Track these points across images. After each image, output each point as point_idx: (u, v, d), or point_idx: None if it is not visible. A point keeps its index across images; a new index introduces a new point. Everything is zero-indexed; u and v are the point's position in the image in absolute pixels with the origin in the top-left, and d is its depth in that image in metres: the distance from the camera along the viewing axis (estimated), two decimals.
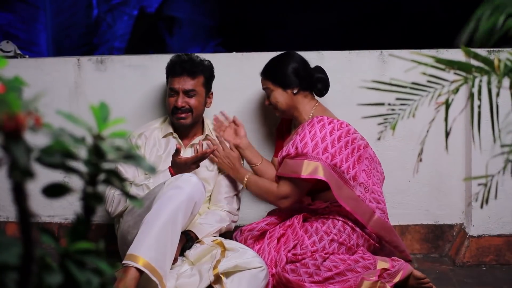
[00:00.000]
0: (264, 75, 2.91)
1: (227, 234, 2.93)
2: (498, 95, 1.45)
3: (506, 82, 1.43)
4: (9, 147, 0.80)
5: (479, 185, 1.64)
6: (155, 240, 2.45)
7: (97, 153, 0.88)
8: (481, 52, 1.52)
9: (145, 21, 8.67)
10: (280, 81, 2.85)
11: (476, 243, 3.12)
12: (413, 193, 3.26)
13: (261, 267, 2.57)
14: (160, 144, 2.94)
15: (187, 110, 2.85)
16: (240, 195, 3.01)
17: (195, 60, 2.89)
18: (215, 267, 2.54)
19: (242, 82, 3.24)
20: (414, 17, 8.73)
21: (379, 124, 1.60)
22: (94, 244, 0.93)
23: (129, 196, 0.96)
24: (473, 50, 1.48)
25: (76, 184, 2.94)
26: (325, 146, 2.71)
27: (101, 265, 0.93)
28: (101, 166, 0.89)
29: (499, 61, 1.40)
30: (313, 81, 2.90)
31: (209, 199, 2.96)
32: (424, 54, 1.47)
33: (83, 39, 8.29)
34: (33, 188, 0.95)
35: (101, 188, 0.92)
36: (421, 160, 1.59)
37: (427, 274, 2.78)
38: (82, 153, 0.90)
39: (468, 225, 3.17)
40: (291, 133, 3.03)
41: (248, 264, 2.56)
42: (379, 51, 3.23)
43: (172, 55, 3.12)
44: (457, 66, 1.43)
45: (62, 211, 3.30)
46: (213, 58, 3.17)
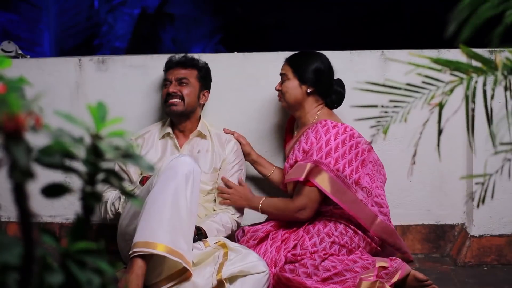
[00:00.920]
0: (288, 61, 2.91)
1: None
2: (492, 97, 1.45)
3: (502, 82, 1.43)
4: (10, 147, 0.81)
5: (477, 184, 1.64)
6: (167, 223, 2.45)
7: (95, 152, 0.88)
8: (482, 52, 1.51)
9: (146, 21, 8.68)
10: (300, 73, 2.84)
11: (478, 243, 3.12)
12: (415, 193, 3.26)
13: (265, 271, 2.56)
14: (157, 146, 2.97)
15: (179, 97, 2.91)
16: None
17: (188, 56, 3.04)
18: (218, 271, 2.53)
19: (243, 82, 3.24)
20: (416, 16, 8.73)
21: (372, 127, 1.60)
22: (95, 244, 0.93)
23: (128, 195, 0.96)
24: (473, 50, 1.48)
25: (78, 184, 2.94)
26: (329, 150, 2.71)
27: (102, 265, 0.93)
28: (99, 166, 0.90)
29: (500, 60, 1.40)
30: (330, 91, 2.90)
31: (214, 200, 2.99)
32: (424, 55, 1.47)
33: (85, 39, 8.31)
34: (34, 188, 0.95)
35: (100, 187, 0.92)
36: (414, 163, 1.58)
37: (428, 274, 2.77)
38: (82, 153, 0.90)
39: (470, 225, 3.17)
40: (293, 134, 3.03)
41: (252, 269, 2.54)
42: (380, 51, 3.23)
43: (173, 55, 3.13)
44: (454, 67, 1.42)
45: (63, 211, 3.30)
46: (214, 58, 3.18)
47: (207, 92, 3.02)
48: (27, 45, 7.57)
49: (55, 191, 0.89)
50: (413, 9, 8.74)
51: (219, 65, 3.15)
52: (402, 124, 1.59)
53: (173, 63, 3.00)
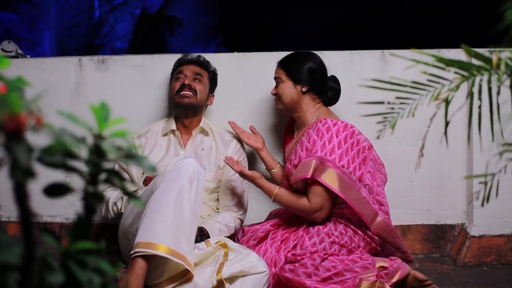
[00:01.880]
0: (280, 64, 2.93)
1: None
2: (498, 94, 1.45)
3: (507, 81, 1.43)
4: (11, 147, 0.81)
5: (480, 183, 1.64)
6: (170, 225, 2.45)
7: (97, 152, 0.88)
8: (482, 52, 1.51)
9: (147, 21, 8.68)
10: (293, 75, 2.86)
11: (478, 243, 3.12)
12: (415, 193, 3.26)
13: (265, 271, 2.56)
14: (161, 144, 2.97)
15: (192, 90, 2.94)
16: (247, 194, 3.04)
17: (203, 57, 3.10)
18: (218, 271, 2.53)
19: (243, 82, 3.24)
20: (416, 17, 8.73)
21: (378, 123, 1.60)
22: (95, 244, 0.93)
23: (129, 195, 0.96)
24: (474, 49, 1.48)
25: (78, 184, 2.95)
26: (332, 147, 2.71)
27: (102, 265, 0.93)
28: (101, 166, 0.90)
29: (499, 59, 1.40)
30: (325, 88, 2.91)
31: (217, 199, 3.00)
32: (426, 53, 1.47)
33: (86, 39, 8.31)
34: (35, 188, 0.95)
35: (101, 187, 0.92)
36: (422, 155, 1.59)
37: (428, 274, 2.77)
38: (83, 153, 0.90)
39: (470, 225, 3.17)
40: (293, 135, 3.03)
41: (252, 269, 2.54)
42: (380, 51, 3.23)
43: (173, 55, 3.14)
44: (458, 65, 1.42)
45: (63, 211, 3.30)
46: (215, 58, 3.18)
47: (212, 96, 3.08)
48: (27, 45, 7.57)
49: (57, 191, 0.89)
50: (413, 9, 8.74)
51: (219, 65, 3.15)
52: (402, 125, 1.59)
53: (188, 60, 3.05)
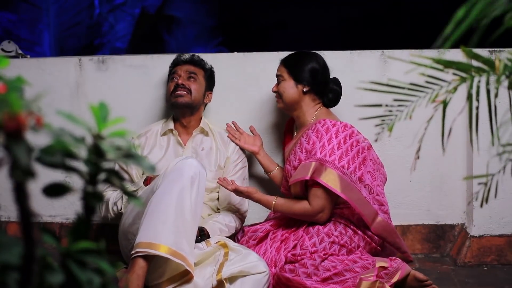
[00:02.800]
0: (283, 62, 2.93)
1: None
2: (496, 96, 1.45)
3: (505, 82, 1.43)
4: (10, 147, 0.81)
5: (479, 184, 1.64)
6: (171, 225, 2.45)
7: (97, 152, 0.88)
8: (482, 52, 1.52)
9: (146, 21, 8.67)
10: (295, 74, 2.86)
11: (478, 243, 3.12)
12: (415, 193, 3.26)
13: (265, 271, 2.55)
14: (160, 143, 2.97)
15: (187, 90, 2.95)
16: None
17: (197, 56, 3.10)
18: (218, 271, 2.52)
19: (243, 82, 3.24)
20: (416, 16, 8.73)
21: (376, 125, 1.60)
22: (95, 243, 0.93)
23: (129, 195, 0.96)
24: (473, 50, 1.48)
25: (77, 184, 2.95)
26: (332, 148, 2.71)
27: (102, 265, 0.93)
28: (101, 166, 0.90)
29: (500, 61, 1.40)
30: (326, 89, 2.91)
31: (217, 199, 3.00)
32: (424, 56, 1.47)
33: (86, 39, 8.30)
34: (34, 188, 0.95)
35: (101, 187, 0.92)
36: (418, 158, 1.59)
37: (428, 274, 2.77)
38: (83, 152, 0.90)
39: (470, 225, 3.17)
40: (292, 135, 3.03)
41: (252, 269, 2.53)
42: (380, 51, 3.23)
43: (173, 55, 3.15)
44: (456, 67, 1.42)
45: (63, 211, 3.30)
46: (215, 58, 3.18)
47: (210, 93, 3.08)
48: (27, 45, 7.57)
49: (57, 190, 0.89)
50: (413, 9, 8.74)
51: (219, 65, 3.15)
52: (402, 125, 1.59)
53: (182, 60, 3.06)
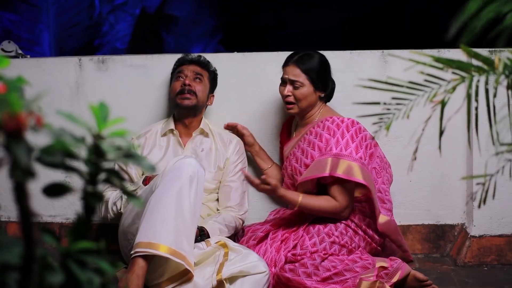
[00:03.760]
0: (300, 65, 2.83)
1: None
2: (495, 96, 1.45)
3: (504, 81, 1.43)
4: (11, 146, 0.81)
5: (477, 184, 1.64)
6: (170, 224, 2.44)
7: (97, 152, 0.88)
8: (482, 52, 1.51)
9: (146, 20, 8.67)
10: (315, 81, 2.83)
11: (478, 243, 3.12)
12: (415, 193, 3.26)
13: (265, 271, 2.55)
14: (160, 144, 2.97)
15: (193, 92, 2.94)
16: (248, 194, 3.05)
17: (203, 58, 3.09)
18: (218, 271, 2.52)
19: (243, 82, 3.24)
20: (416, 16, 8.73)
21: (374, 123, 1.60)
22: (95, 243, 0.93)
23: (129, 195, 0.96)
24: (474, 50, 1.48)
25: (77, 184, 2.95)
26: (346, 142, 2.73)
27: (102, 265, 0.93)
28: (101, 166, 0.90)
29: (499, 59, 1.40)
30: (332, 90, 2.97)
31: (217, 199, 3.00)
32: (425, 54, 1.47)
33: (86, 39, 8.30)
34: (34, 188, 0.95)
35: (101, 187, 0.92)
36: (415, 158, 1.59)
37: (428, 274, 2.77)
38: (83, 152, 0.90)
39: (470, 225, 3.17)
40: (291, 135, 3.03)
41: (252, 269, 2.53)
42: (380, 51, 3.23)
43: (173, 55, 3.15)
44: (456, 66, 1.42)
45: (63, 211, 3.30)
46: (215, 58, 3.18)
47: (212, 96, 3.08)
48: (27, 45, 7.57)
49: (57, 190, 0.89)
50: (413, 9, 8.74)
51: (219, 65, 3.15)
52: (402, 125, 1.59)
53: (188, 59, 3.05)
